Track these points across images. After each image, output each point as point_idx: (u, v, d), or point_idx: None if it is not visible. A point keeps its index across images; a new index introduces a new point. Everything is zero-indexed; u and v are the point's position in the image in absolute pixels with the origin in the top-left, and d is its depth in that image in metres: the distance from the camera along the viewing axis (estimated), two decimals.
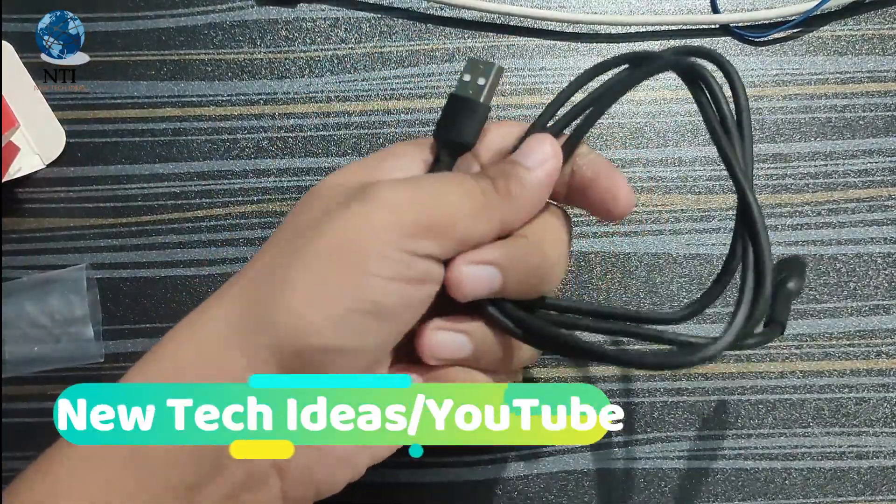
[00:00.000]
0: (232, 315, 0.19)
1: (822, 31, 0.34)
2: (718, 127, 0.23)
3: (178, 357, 0.20)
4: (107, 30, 0.34)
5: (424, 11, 0.34)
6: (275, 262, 0.20)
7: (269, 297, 0.19)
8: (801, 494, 0.30)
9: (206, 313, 0.20)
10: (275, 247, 0.21)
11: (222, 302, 0.20)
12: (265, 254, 0.21)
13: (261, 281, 0.20)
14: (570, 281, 0.32)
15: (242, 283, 0.20)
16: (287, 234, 0.21)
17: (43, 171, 0.33)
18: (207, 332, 0.20)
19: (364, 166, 0.22)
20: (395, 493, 0.30)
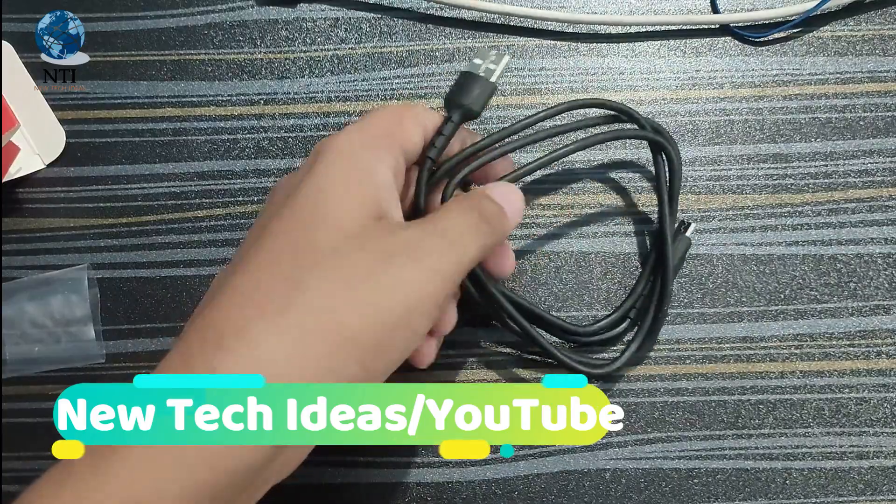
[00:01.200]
0: (303, 357, 0.20)
1: (822, 31, 0.34)
2: (666, 191, 0.30)
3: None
4: (107, 30, 0.34)
5: (424, 11, 0.34)
6: (339, 312, 0.20)
7: (341, 348, 0.20)
8: (802, 494, 0.30)
9: (261, 343, 0.20)
10: (331, 298, 0.20)
11: (282, 340, 0.20)
12: (322, 302, 0.20)
13: (330, 332, 0.20)
14: (571, 281, 0.32)
15: (308, 323, 0.20)
16: (339, 279, 0.21)
17: (43, 171, 0.33)
18: (264, 364, 0.20)
19: (364, 197, 0.22)
20: (395, 492, 0.30)
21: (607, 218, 0.32)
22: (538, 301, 0.32)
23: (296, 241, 0.21)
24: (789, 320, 0.31)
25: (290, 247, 0.21)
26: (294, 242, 0.21)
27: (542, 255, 0.32)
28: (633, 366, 0.31)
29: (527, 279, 0.32)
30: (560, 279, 0.32)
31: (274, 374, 0.19)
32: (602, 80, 0.34)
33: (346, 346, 0.20)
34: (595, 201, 0.33)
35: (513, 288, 0.32)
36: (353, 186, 0.22)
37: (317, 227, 0.21)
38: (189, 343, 0.20)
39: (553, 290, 0.32)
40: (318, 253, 0.21)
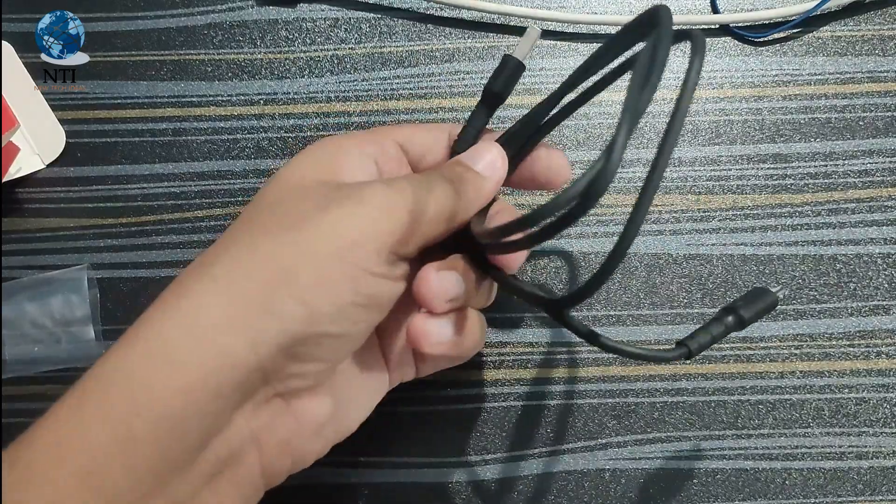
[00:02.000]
0: (234, 302, 0.20)
1: (822, 32, 0.34)
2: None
3: (169, 341, 0.20)
4: (107, 30, 0.34)
5: (424, 11, 0.34)
6: (276, 254, 0.21)
7: (277, 288, 0.20)
8: (801, 495, 0.30)
9: (194, 299, 0.20)
10: (268, 239, 0.21)
11: (216, 289, 0.20)
12: (257, 247, 0.21)
13: (265, 272, 0.20)
14: (571, 281, 0.32)
15: (238, 272, 0.21)
16: (276, 225, 0.21)
17: (43, 171, 0.33)
18: (199, 318, 0.20)
19: (320, 163, 0.24)
20: (395, 493, 0.30)
21: (607, 218, 0.32)
22: None
23: (250, 206, 0.23)
24: (789, 320, 0.31)
25: (245, 213, 0.23)
26: (248, 208, 0.23)
27: (543, 255, 0.32)
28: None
29: (527, 279, 0.32)
30: (560, 279, 0.32)
31: (209, 323, 0.20)
32: None
33: (283, 284, 0.20)
34: None
35: None
36: (314, 154, 0.24)
37: (268, 188, 0.23)
38: (147, 311, 0.21)
39: (553, 290, 0.32)
40: (261, 208, 0.22)
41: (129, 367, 0.19)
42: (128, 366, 0.19)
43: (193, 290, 0.20)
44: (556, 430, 0.30)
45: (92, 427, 0.19)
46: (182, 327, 0.20)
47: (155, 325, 0.20)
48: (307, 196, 0.22)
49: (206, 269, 0.21)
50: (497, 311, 0.31)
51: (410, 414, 0.31)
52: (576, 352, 0.31)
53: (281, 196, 0.23)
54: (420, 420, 0.30)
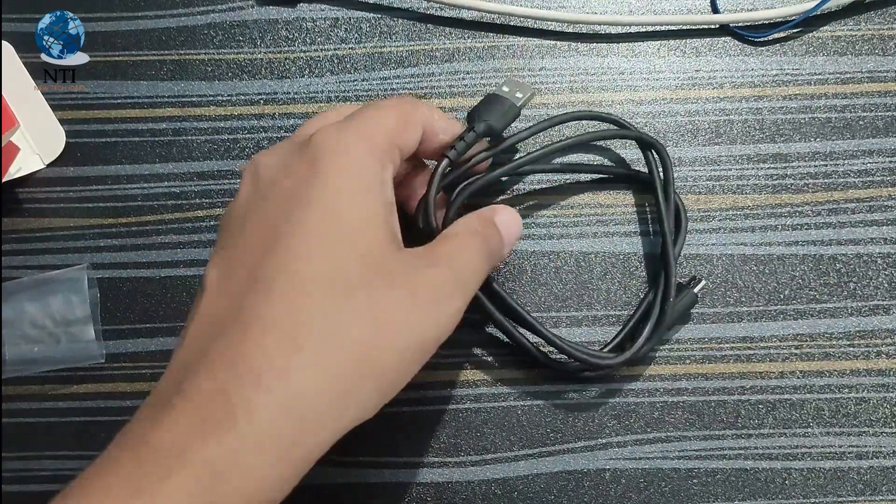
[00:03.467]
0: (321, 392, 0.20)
1: (822, 31, 0.34)
2: (661, 187, 0.31)
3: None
4: (107, 30, 0.34)
5: (424, 11, 0.34)
6: (360, 336, 0.21)
7: (361, 378, 0.21)
8: (801, 494, 0.30)
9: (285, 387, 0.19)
10: (349, 313, 0.21)
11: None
12: (342, 322, 0.20)
13: (353, 353, 0.21)
14: (570, 281, 0.32)
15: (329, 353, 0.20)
16: (348, 297, 0.21)
17: (43, 171, 0.33)
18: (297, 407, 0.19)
19: (350, 198, 0.22)
20: (395, 493, 0.30)
21: (607, 218, 0.32)
22: (538, 301, 0.32)
23: (325, 269, 0.21)
24: (789, 320, 0.31)
25: (320, 276, 0.20)
26: (324, 271, 0.21)
27: (542, 255, 0.32)
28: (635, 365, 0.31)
29: (527, 279, 0.32)
30: (560, 279, 0.32)
31: (304, 405, 0.19)
32: (602, 80, 0.34)
33: (370, 377, 0.20)
34: (595, 201, 0.33)
35: (513, 289, 0.32)
36: (369, 206, 0.22)
37: (346, 255, 0.21)
38: (219, 377, 0.19)
39: (553, 290, 0.32)
40: (350, 287, 0.21)
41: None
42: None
43: (297, 367, 0.19)
44: (556, 430, 0.30)
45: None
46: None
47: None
48: (392, 283, 0.21)
49: (314, 351, 0.20)
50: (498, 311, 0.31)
51: (410, 414, 0.31)
52: None
53: (367, 277, 0.21)
54: (420, 420, 0.30)
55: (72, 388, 0.31)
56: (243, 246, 0.22)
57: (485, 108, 0.28)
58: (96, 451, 0.28)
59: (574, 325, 0.31)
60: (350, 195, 0.22)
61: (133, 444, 0.19)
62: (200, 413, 0.18)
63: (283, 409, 0.19)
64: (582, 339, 0.31)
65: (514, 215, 0.26)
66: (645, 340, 0.29)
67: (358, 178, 0.22)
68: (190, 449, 0.18)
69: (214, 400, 0.18)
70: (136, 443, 0.19)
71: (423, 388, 0.31)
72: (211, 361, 0.19)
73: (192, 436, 0.18)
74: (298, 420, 0.19)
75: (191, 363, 0.20)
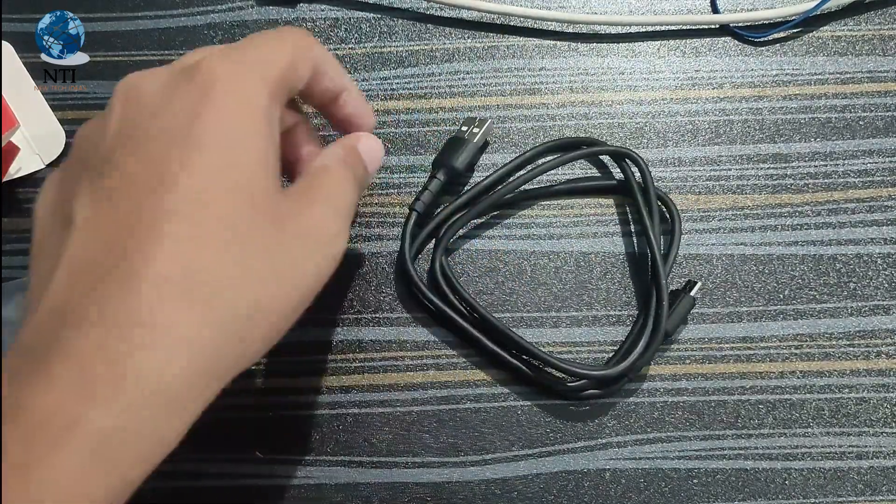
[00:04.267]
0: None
1: (822, 31, 0.34)
2: (641, 196, 0.31)
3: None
4: (107, 30, 0.34)
5: (424, 11, 0.34)
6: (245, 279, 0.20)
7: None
8: (801, 495, 0.30)
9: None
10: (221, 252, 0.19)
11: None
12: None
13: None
14: (570, 281, 0.32)
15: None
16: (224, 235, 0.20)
17: (43, 171, 0.33)
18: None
19: (241, 134, 0.20)
20: (395, 493, 0.30)
21: (607, 218, 0.32)
22: (538, 301, 0.32)
23: (218, 215, 0.19)
24: (789, 320, 0.31)
25: (212, 222, 0.19)
26: (217, 217, 0.19)
27: (542, 255, 0.32)
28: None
29: (527, 279, 0.32)
30: (560, 279, 0.32)
31: (196, 361, 0.18)
32: (602, 80, 0.34)
33: (261, 325, 0.20)
34: (595, 201, 0.33)
35: (513, 288, 0.32)
36: (259, 146, 0.20)
37: (238, 200, 0.20)
38: (103, 334, 0.17)
39: (553, 290, 0.32)
40: (243, 233, 0.20)
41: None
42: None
43: (180, 318, 0.18)
44: (557, 430, 0.30)
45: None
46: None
47: None
48: (282, 227, 0.21)
49: (202, 304, 0.19)
50: (497, 312, 0.31)
51: (409, 414, 0.31)
52: (576, 352, 0.31)
53: (253, 220, 0.20)
54: (420, 420, 0.30)
55: None
56: (120, 180, 0.19)
57: (445, 153, 0.31)
58: None
59: (574, 325, 0.31)
60: (242, 134, 0.20)
61: (8, 408, 0.17)
62: (85, 374, 0.17)
63: (174, 366, 0.18)
64: (582, 339, 0.31)
65: (376, 142, 0.26)
66: (638, 356, 0.29)
67: (250, 115, 0.20)
68: (77, 415, 0.16)
69: (100, 359, 0.17)
70: (12, 407, 0.17)
71: (423, 388, 0.31)
72: (94, 316, 0.17)
73: (78, 400, 0.17)
74: (191, 375, 0.18)
75: (66, 314, 0.18)
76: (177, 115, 0.20)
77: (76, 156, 0.22)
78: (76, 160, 0.22)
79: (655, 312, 0.30)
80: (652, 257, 0.30)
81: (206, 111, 0.20)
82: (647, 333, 0.29)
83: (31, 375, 0.17)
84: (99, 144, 0.21)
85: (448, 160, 0.31)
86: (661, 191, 0.32)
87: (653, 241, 0.30)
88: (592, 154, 0.32)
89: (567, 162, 0.31)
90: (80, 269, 0.18)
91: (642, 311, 0.31)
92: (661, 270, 0.30)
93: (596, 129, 0.33)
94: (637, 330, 0.30)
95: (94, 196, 0.19)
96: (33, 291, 0.20)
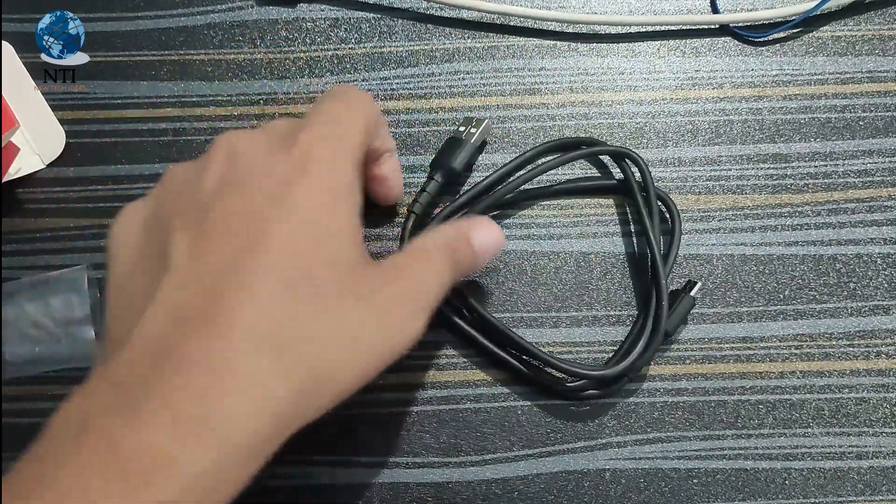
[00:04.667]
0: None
1: (822, 31, 0.34)
2: (640, 195, 0.31)
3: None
4: (107, 30, 0.34)
5: (424, 11, 0.34)
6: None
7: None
8: (801, 495, 0.30)
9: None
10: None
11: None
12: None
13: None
14: (570, 281, 0.32)
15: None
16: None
17: (43, 171, 0.33)
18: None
19: (333, 207, 0.22)
20: (395, 493, 0.30)
21: (607, 218, 0.32)
22: (538, 301, 0.32)
23: (305, 277, 0.21)
24: (789, 320, 0.31)
25: (300, 283, 0.20)
26: (304, 279, 0.21)
27: (542, 255, 0.32)
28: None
29: (527, 279, 0.32)
30: (560, 279, 0.32)
31: (275, 410, 0.19)
32: (602, 80, 0.34)
33: (330, 386, 0.21)
34: (595, 201, 0.33)
35: (513, 288, 0.32)
36: (345, 213, 0.22)
37: (323, 263, 0.21)
38: (198, 380, 0.19)
39: (553, 290, 0.32)
40: (325, 297, 0.21)
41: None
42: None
43: (268, 372, 0.19)
44: (556, 430, 0.30)
45: None
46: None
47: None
48: (363, 297, 0.22)
49: (281, 357, 0.20)
50: (497, 312, 0.31)
51: (410, 414, 0.31)
52: (576, 352, 0.31)
53: (342, 288, 0.21)
54: (420, 420, 0.30)
55: (72, 388, 0.31)
56: (219, 230, 0.21)
57: (443, 154, 0.31)
58: None
59: (574, 325, 0.31)
60: (332, 202, 0.22)
61: (102, 442, 0.17)
62: (179, 417, 0.18)
63: (256, 416, 0.19)
64: (582, 339, 0.31)
65: (492, 231, 0.26)
66: (638, 356, 0.29)
67: (339, 189, 0.22)
68: (171, 456, 0.17)
69: (195, 404, 0.18)
70: (106, 440, 0.17)
71: (422, 388, 0.31)
72: (191, 361, 0.19)
73: (172, 441, 0.18)
74: (271, 426, 0.19)
75: (163, 356, 0.19)
76: (276, 179, 0.21)
77: (166, 196, 0.23)
78: (166, 200, 0.23)
79: (655, 313, 0.30)
80: (652, 257, 0.30)
81: (303, 181, 0.21)
82: (647, 334, 0.29)
83: (126, 410, 0.18)
84: (196, 192, 0.22)
85: (445, 161, 0.31)
86: (661, 191, 0.32)
87: (653, 241, 0.30)
88: (592, 154, 0.32)
89: (566, 162, 0.31)
90: (176, 313, 0.19)
91: (642, 311, 0.31)
92: (661, 271, 0.30)
93: (596, 129, 0.33)
94: (637, 330, 0.30)
95: (192, 242, 0.21)
96: (116, 321, 0.21)
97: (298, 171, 0.22)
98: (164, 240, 0.21)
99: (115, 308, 0.22)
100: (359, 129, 0.24)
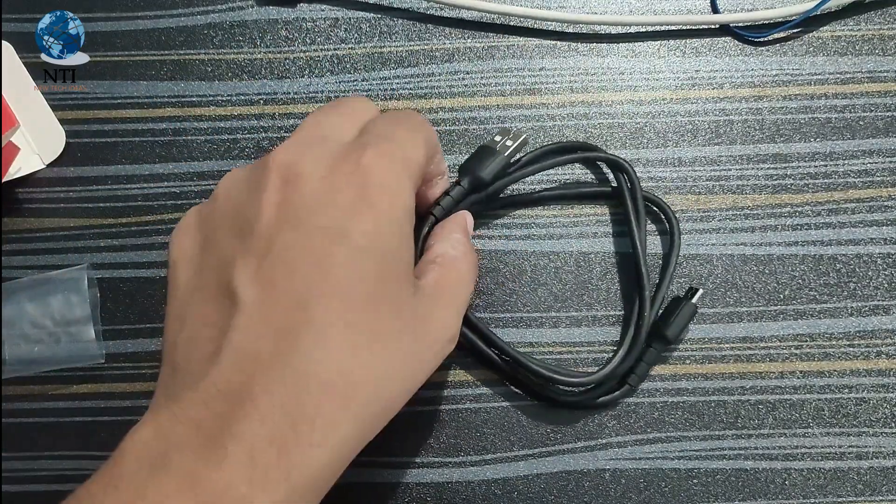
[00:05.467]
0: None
1: (822, 31, 0.34)
2: (630, 202, 0.31)
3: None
4: (107, 30, 0.34)
5: (424, 11, 0.34)
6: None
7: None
8: (801, 495, 0.30)
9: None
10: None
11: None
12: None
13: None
14: (570, 282, 0.32)
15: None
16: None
17: (43, 171, 0.33)
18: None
19: (397, 231, 0.23)
20: (395, 492, 0.30)
21: (607, 218, 0.32)
22: (538, 301, 0.32)
23: (370, 319, 0.21)
24: (789, 320, 0.31)
25: (365, 325, 0.21)
26: (369, 321, 0.21)
27: (542, 255, 0.32)
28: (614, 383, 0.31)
29: (527, 279, 0.32)
30: (560, 279, 0.32)
31: (343, 454, 0.21)
32: (602, 80, 0.34)
33: (386, 417, 0.22)
34: (595, 201, 0.33)
35: (513, 289, 0.32)
36: (403, 241, 0.23)
37: (382, 299, 0.21)
38: (274, 426, 0.19)
39: (553, 290, 0.32)
40: (385, 336, 0.21)
41: None
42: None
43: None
44: (556, 430, 0.30)
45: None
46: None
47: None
48: (418, 322, 0.23)
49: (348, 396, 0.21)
50: (496, 312, 0.31)
51: (410, 414, 0.31)
52: (576, 352, 0.31)
53: (401, 307, 0.22)
54: (420, 420, 0.30)
55: (72, 388, 0.31)
56: (282, 267, 0.21)
57: (474, 161, 0.30)
58: (96, 451, 0.28)
59: (574, 326, 0.31)
60: (394, 232, 0.22)
61: (183, 478, 0.18)
62: (256, 459, 0.18)
63: (326, 460, 0.20)
64: (582, 339, 0.31)
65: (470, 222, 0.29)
66: (620, 361, 0.29)
67: (401, 216, 0.22)
68: (247, 497, 0.18)
69: (271, 447, 0.19)
70: (186, 476, 0.18)
71: (423, 388, 0.31)
72: (267, 406, 0.19)
73: (248, 483, 0.18)
74: (335, 467, 0.20)
75: (240, 399, 0.19)
76: (338, 210, 0.21)
77: (223, 218, 0.23)
78: (223, 223, 0.23)
79: (636, 324, 0.30)
80: (637, 268, 0.30)
81: (367, 213, 0.21)
82: (628, 342, 0.30)
83: (206, 451, 0.18)
84: (255, 221, 0.22)
85: (475, 168, 0.29)
86: (659, 198, 0.32)
87: (639, 250, 0.30)
88: (581, 160, 0.32)
89: (554, 166, 0.31)
90: (250, 356, 0.20)
91: (628, 318, 0.31)
92: (646, 282, 0.30)
93: (596, 129, 0.33)
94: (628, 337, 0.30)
95: (258, 278, 0.21)
96: (175, 348, 0.22)
97: (360, 199, 0.21)
98: (224, 269, 0.21)
99: (174, 334, 0.22)
100: (417, 153, 0.24)
